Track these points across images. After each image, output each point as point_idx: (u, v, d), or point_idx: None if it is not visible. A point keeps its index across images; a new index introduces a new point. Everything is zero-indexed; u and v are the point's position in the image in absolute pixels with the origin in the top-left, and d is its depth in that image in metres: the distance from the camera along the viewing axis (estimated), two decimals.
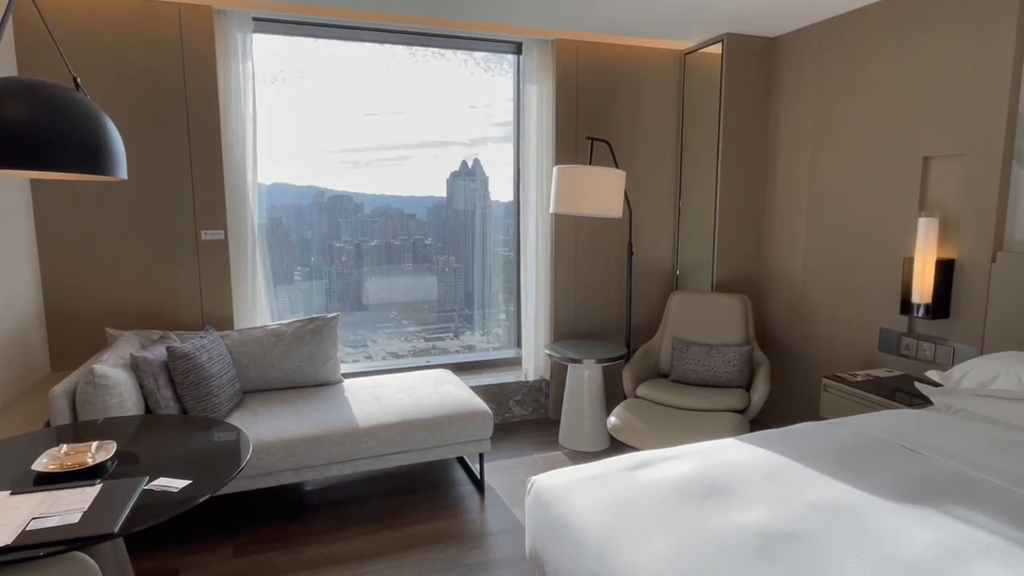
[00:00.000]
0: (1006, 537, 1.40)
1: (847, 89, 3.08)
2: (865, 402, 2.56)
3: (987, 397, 2.11)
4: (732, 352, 3.17)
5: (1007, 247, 2.46)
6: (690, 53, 3.74)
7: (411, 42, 3.45)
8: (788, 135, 3.45)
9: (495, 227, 3.92)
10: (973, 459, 1.78)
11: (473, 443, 2.79)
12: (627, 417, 2.88)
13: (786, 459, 1.83)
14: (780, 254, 3.55)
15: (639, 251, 3.85)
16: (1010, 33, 2.37)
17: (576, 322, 3.79)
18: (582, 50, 3.58)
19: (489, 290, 3.97)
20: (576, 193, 3.09)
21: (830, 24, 3.15)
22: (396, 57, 3.54)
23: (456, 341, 4.02)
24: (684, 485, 1.67)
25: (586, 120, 3.64)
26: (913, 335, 2.80)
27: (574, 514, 1.60)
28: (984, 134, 2.47)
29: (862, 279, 3.04)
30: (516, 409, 3.77)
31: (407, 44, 3.47)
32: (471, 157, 3.82)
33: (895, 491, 1.62)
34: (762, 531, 1.45)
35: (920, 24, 2.71)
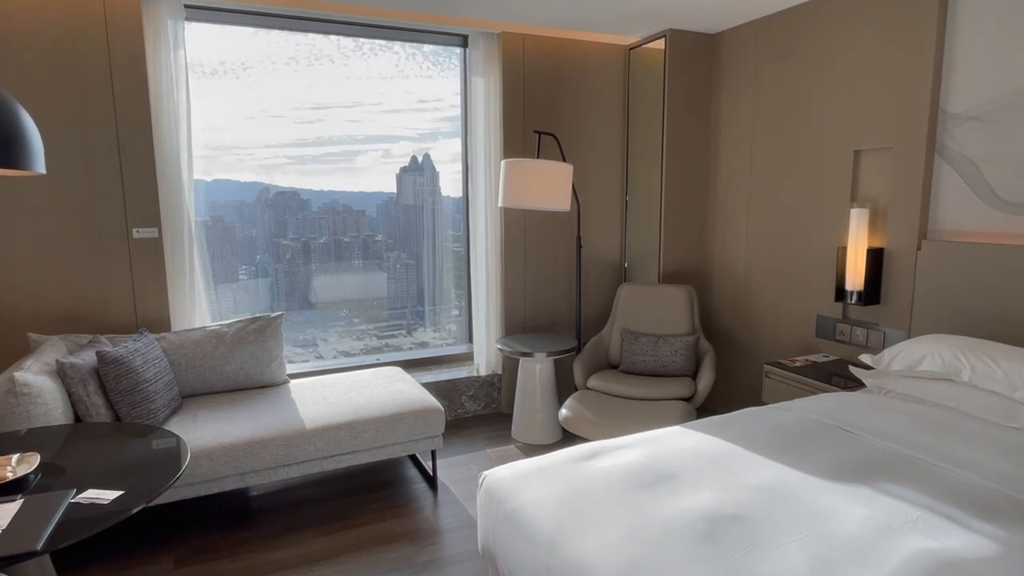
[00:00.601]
0: (931, 510, 1.48)
1: (783, 84, 3.18)
2: (804, 386, 2.66)
3: (914, 378, 2.23)
4: (679, 342, 3.25)
5: (931, 236, 2.60)
6: (634, 48, 3.79)
7: (356, 33, 3.38)
8: (729, 129, 3.54)
9: (446, 222, 3.88)
10: (902, 438, 1.87)
11: (425, 440, 2.77)
12: (578, 409, 2.90)
13: (730, 444, 1.88)
14: (723, 245, 3.65)
15: (588, 244, 3.88)
16: (931, 32, 2.49)
17: (527, 316, 3.80)
18: (528, 43, 3.58)
19: (441, 286, 3.94)
20: (524, 187, 3.09)
21: (766, 21, 3.24)
22: (342, 50, 3.45)
23: (409, 338, 3.96)
24: (632, 473, 1.70)
25: (533, 114, 3.65)
26: (847, 321, 2.92)
27: (525, 507, 1.60)
28: (909, 129, 2.60)
29: (800, 268, 3.15)
30: (469, 404, 3.76)
31: (352, 36, 3.39)
32: (421, 152, 3.77)
33: (832, 471, 1.69)
34: (707, 515, 1.48)
35: (849, 22, 2.82)
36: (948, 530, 1.40)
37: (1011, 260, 2.27)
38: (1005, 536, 1.37)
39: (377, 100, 3.59)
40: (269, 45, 3.28)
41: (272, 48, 3.29)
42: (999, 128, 2.33)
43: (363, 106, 3.57)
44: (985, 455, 1.72)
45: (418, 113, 3.71)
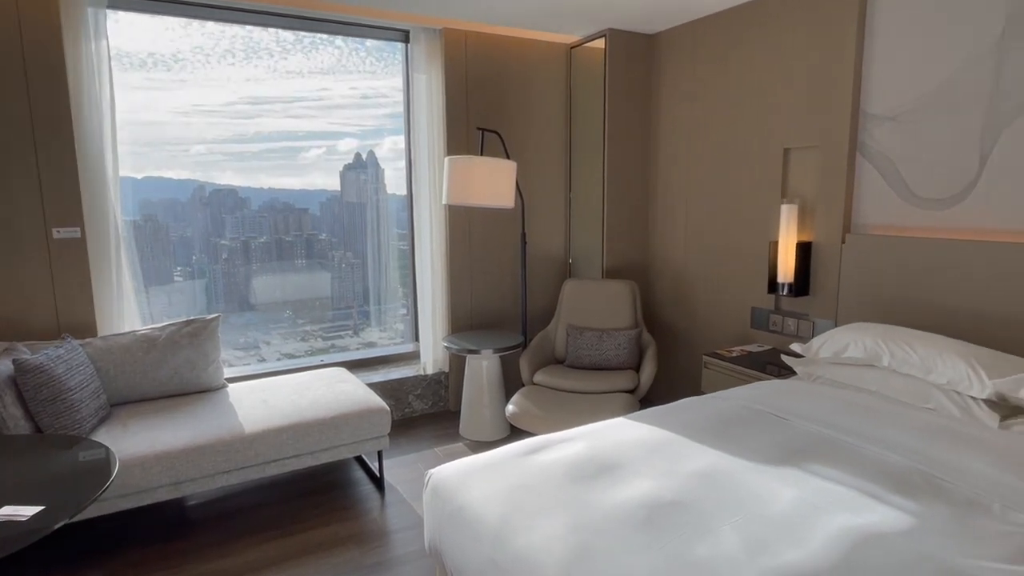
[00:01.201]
0: (855, 489, 1.57)
1: (717, 85, 3.29)
2: (740, 375, 2.77)
3: (840, 365, 2.35)
4: (622, 336, 3.32)
5: (854, 230, 2.74)
6: (576, 47, 3.83)
7: (294, 26, 3.29)
8: (667, 128, 3.64)
9: (392, 220, 3.84)
10: (829, 421, 1.97)
11: (371, 441, 2.73)
12: (524, 404, 2.93)
13: (670, 433, 1.94)
14: (663, 241, 3.75)
15: (533, 241, 3.91)
16: (851, 37, 2.63)
17: (473, 313, 3.80)
18: (471, 40, 3.57)
19: (388, 284, 3.89)
20: (468, 184, 3.09)
21: (701, 23, 3.34)
22: (281, 43, 3.35)
23: (356, 338, 3.90)
24: (576, 465, 1.73)
25: (477, 111, 3.64)
26: (780, 312, 3.05)
27: (471, 504, 1.60)
28: (833, 128, 2.73)
29: (735, 262, 3.27)
30: (416, 403, 3.73)
31: (291, 28, 3.30)
32: (365, 149, 3.71)
33: (765, 455, 1.77)
34: (648, 502, 1.52)
35: (778, 26, 2.94)
36: (870, 506, 1.48)
37: (925, 252, 2.42)
38: (920, 509, 1.46)
39: (319, 95, 3.51)
40: (203, 37, 3.15)
41: (206, 40, 3.16)
42: (912, 128, 2.49)
43: (305, 101, 3.48)
44: (902, 435, 1.84)
45: (362, 109, 3.65)
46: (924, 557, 1.27)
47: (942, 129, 2.39)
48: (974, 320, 2.28)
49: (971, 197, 2.33)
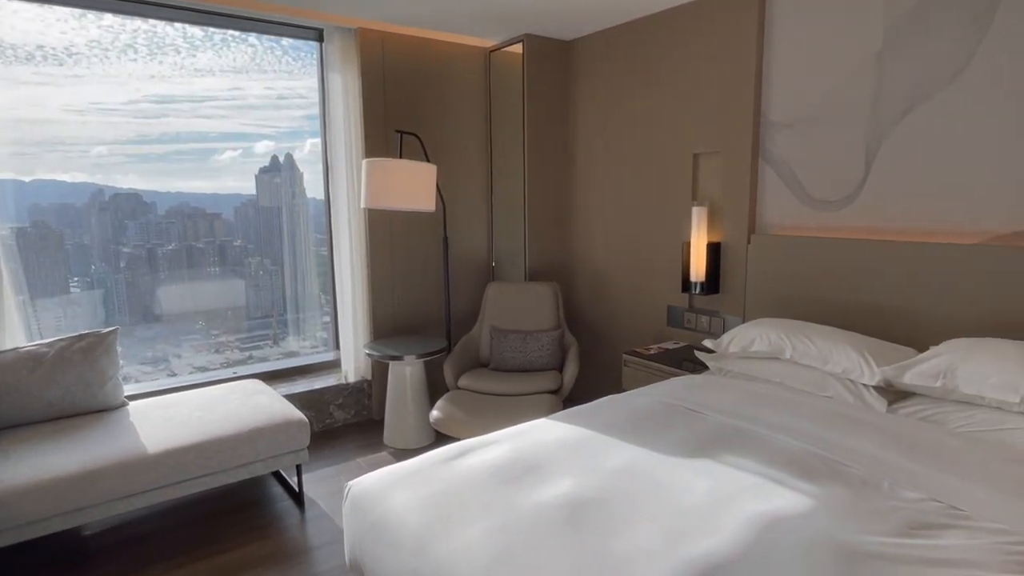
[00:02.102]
0: (762, 476, 1.65)
1: (631, 91, 3.39)
2: (658, 372, 2.86)
3: (748, 358, 2.48)
4: (545, 337, 3.35)
5: (759, 230, 2.90)
6: (494, 51, 3.85)
7: (202, 21, 3.12)
8: (585, 132, 3.72)
9: (311, 225, 3.71)
10: (738, 412, 2.07)
11: (289, 455, 2.62)
12: (449, 409, 2.90)
13: (591, 431, 1.97)
14: (584, 243, 3.83)
15: (456, 244, 3.89)
16: (752, 48, 2.78)
17: (396, 318, 3.73)
18: (388, 41, 3.51)
19: (309, 291, 3.75)
20: (387, 187, 3.03)
21: (615, 31, 3.44)
22: (189, 39, 3.16)
23: (276, 348, 3.74)
24: (499, 468, 1.72)
25: (395, 113, 3.58)
26: (693, 310, 3.18)
27: (391, 514, 1.57)
28: (737, 134, 2.88)
29: (652, 262, 3.39)
30: (337, 413, 3.62)
31: (199, 24, 3.12)
32: (282, 151, 3.57)
33: (680, 448, 1.83)
34: (570, 501, 1.54)
35: (685, 35, 3.07)
36: (776, 492, 1.57)
37: (821, 251, 2.60)
38: (819, 492, 1.56)
39: (232, 95, 3.34)
40: (100, 30, 2.92)
41: (104, 34, 2.94)
42: (807, 135, 2.66)
43: (216, 101, 3.30)
44: (804, 422, 1.95)
45: (278, 110, 3.51)
46: (823, 536, 1.35)
47: (833, 136, 2.57)
48: (865, 313, 2.47)
49: (859, 199, 2.52)
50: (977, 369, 1.86)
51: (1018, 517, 1.41)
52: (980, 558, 1.28)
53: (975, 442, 1.78)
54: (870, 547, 1.32)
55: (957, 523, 1.41)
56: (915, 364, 2.00)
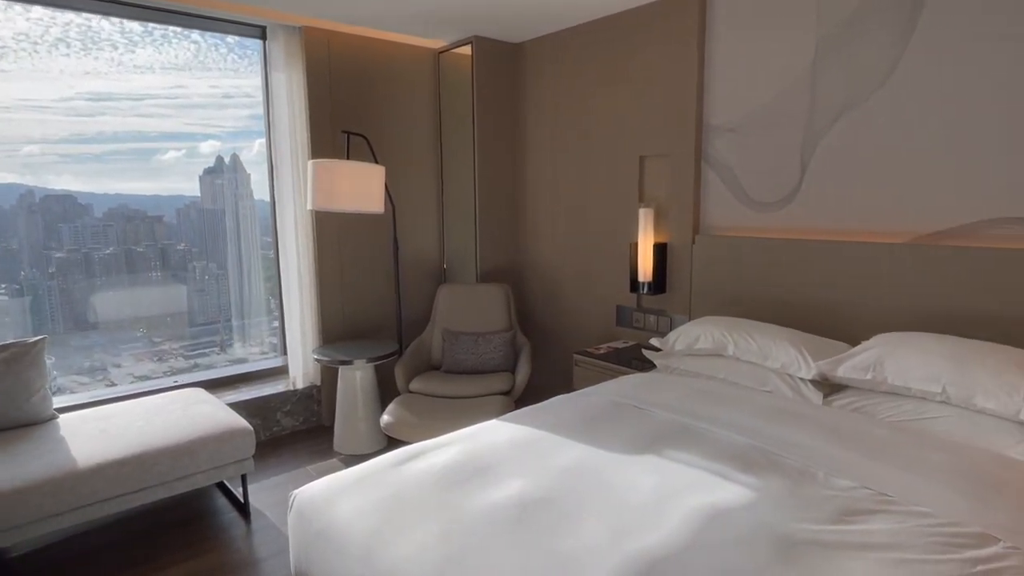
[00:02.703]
0: (706, 470, 1.70)
1: (578, 94, 3.44)
2: (608, 371, 2.90)
3: (693, 356, 2.55)
4: (497, 338, 3.36)
5: (702, 231, 2.98)
6: (443, 52, 3.84)
7: (139, 16, 3.00)
8: (534, 134, 3.75)
9: (259, 227, 3.60)
10: (683, 409, 2.12)
11: (233, 465, 2.54)
12: (400, 413, 2.87)
13: (541, 431, 1.98)
14: (534, 244, 3.85)
15: (406, 246, 3.85)
16: (694, 55, 2.86)
17: (346, 322, 3.67)
18: (334, 40, 3.45)
19: (258, 296, 3.65)
20: (334, 189, 2.98)
21: (562, 35, 3.48)
22: (127, 34, 3.02)
23: (224, 355, 3.62)
24: (449, 471, 1.72)
25: (342, 114, 3.53)
26: (641, 309, 3.25)
27: (338, 522, 1.54)
28: (681, 138, 2.96)
29: (601, 263, 3.44)
30: (285, 421, 3.53)
31: (136, 19, 3.00)
32: (228, 152, 3.46)
33: (627, 446, 1.86)
34: (519, 502, 1.55)
35: (631, 41, 3.13)
36: (718, 485, 1.61)
37: (760, 250, 2.69)
38: (759, 483, 1.61)
39: (174, 93, 3.21)
40: (28, 23, 2.77)
41: (33, 27, 2.78)
42: (747, 139, 2.75)
43: (156, 99, 3.17)
44: (745, 416, 2.02)
45: (224, 109, 3.41)
46: (762, 526, 1.40)
47: (770, 141, 2.67)
48: (803, 309, 2.57)
49: (795, 201, 2.62)
50: (903, 362, 1.96)
51: (939, 500, 1.49)
52: (905, 541, 1.35)
53: (901, 431, 1.88)
54: (805, 534, 1.37)
55: (885, 508, 1.48)
56: (847, 358, 2.09)
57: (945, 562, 1.27)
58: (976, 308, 2.11)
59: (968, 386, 1.82)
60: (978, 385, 1.81)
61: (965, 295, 2.13)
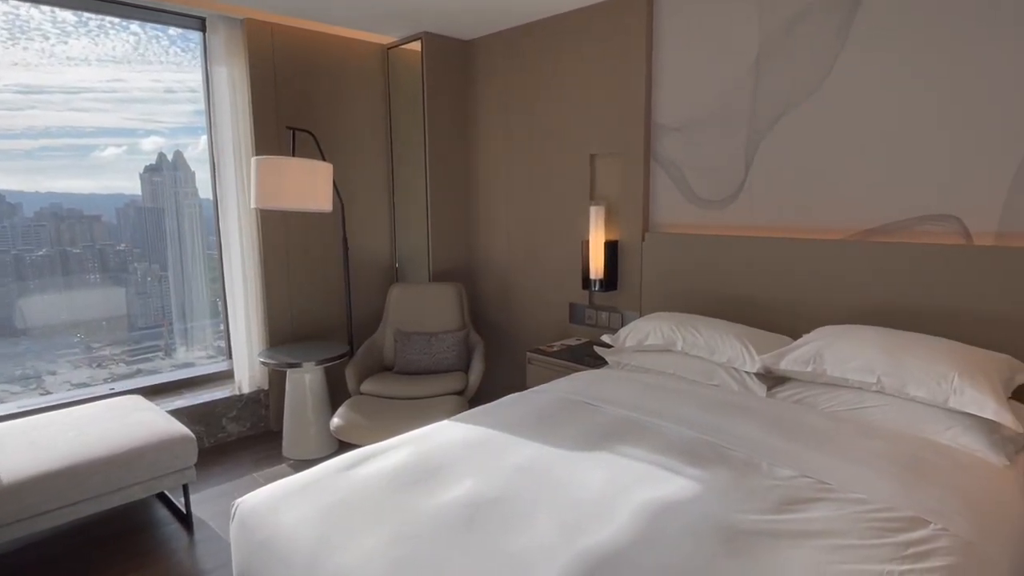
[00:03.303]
0: (656, 464, 1.72)
1: (530, 92, 3.44)
2: (561, 369, 2.92)
3: (643, 352, 2.58)
4: (450, 338, 3.33)
5: (652, 228, 3.03)
6: (393, 48, 3.78)
7: (70, 4, 2.83)
8: (486, 132, 3.73)
9: (204, 227, 3.47)
10: (633, 404, 2.15)
11: (174, 475, 2.44)
12: (350, 416, 2.81)
13: (493, 431, 1.97)
14: (487, 242, 3.84)
15: (357, 245, 3.78)
16: (641, 55, 2.90)
17: (295, 324, 3.57)
18: (278, 33, 3.35)
19: (204, 298, 3.51)
20: (279, 187, 2.90)
21: (512, 33, 3.48)
22: (60, 24, 2.85)
23: (169, 360, 3.47)
24: (399, 474, 1.69)
25: (287, 109, 3.43)
26: (594, 306, 3.28)
27: (282, 530, 1.49)
28: (631, 137, 2.99)
29: (553, 261, 3.45)
30: (231, 427, 3.41)
31: (67, 7, 2.84)
32: (172, 148, 3.32)
33: (578, 442, 1.87)
34: (471, 502, 1.53)
35: (580, 40, 3.15)
36: (667, 479, 1.63)
37: (707, 247, 2.75)
38: (706, 476, 1.64)
39: (112, 87, 3.06)
40: None
41: None
42: (693, 139, 2.81)
43: (93, 93, 3.01)
44: (694, 410, 2.06)
45: (166, 104, 3.26)
46: (708, 518, 1.43)
47: (716, 140, 2.73)
48: (748, 304, 2.64)
49: (740, 199, 2.69)
50: (841, 354, 2.03)
51: (874, 487, 1.55)
52: (843, 527, 1.39)
53: (840, 420, 1.95)
54: (749, 524, 1.41)
55: (824, 496, 1.53)
56: (789, 351, 2.16)
57: (880, 546, 1.32)
58: (909, 301, 2.20)
59: (901, 376, 1.90)
60: (910, 375, 1.89)
61: (899, 289, 2.22)
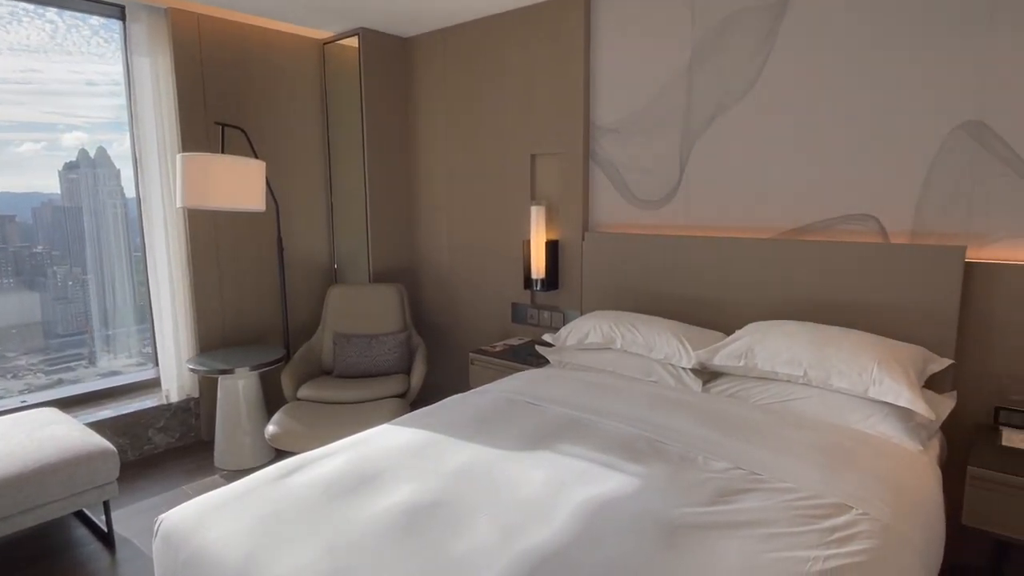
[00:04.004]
0: (595, 462, 1.73)
1: (470, 91, 3.42)
2: (504, 368, 2.91)
3: (584, 350, 2.60)
4: (391, 340, 3.27)
5: (591, 228, 3.06)
6: (329, 43, 3.68)
7: None
8: (426, 131, 3.68)
9: (131, 228, 3.27)
10: (574, 402, 2.16)
11: (93, 491, 2.29)
12: (286, 423, 2.72)
13: (433, 433, 1.94)
14: (429, 242, 3.79)
15: (293, 246, 3.66)
16: (579, 56, 2.92)
17: (227, 328, 3.43)
18: (206, 25, 3.20)
19: (131, 302, 3.32)
20: (207, 185, 2.77)
21: (452, 31, 3.45)
22: None
23: (93, 368, 3.25)
24: (335, 481, 1.63)
25: (217, 104, 3.28)
26: (536, 306, 3.29)
27: (209, 546, 1.42)
28: (570, 137, 3.02)
29: (495, 261, 3.44)
30: (158, 438, 3.24)
31: None
32: (95, 144, 3.12)
33: (520, 442, 1.86)
34: (409, 508, 1.50)
35: (520, 40, 3.15)
36: (606, 476, 1.65)
37: (645, 246, 2.80)
38: (644, 471, 1.66)
39: (27, 78, 2.84)
40: None
41: None
42: (630, 140, 2.86)
43: (7, 84, 2.79)
44: (633, 407, 2.09)
45: (88, 98, 3.06)
46: (646, 513, 1.45)
47: (651, 141, 2.78)
48: (684, 302, 2.70)
49: (675, 199, 2.75)
50: (771, 348, 2.11)
51: (802, 476, 1.61)
52: (773, 516, 1.44)
53: (770, 413, 2.02)
54: (686, 517, 1.43)
55: (756, 487, 1.58)
56: (723, 347, 2.22)
57: (807, 533, 1.37)
58: (833, 297, 2.31)
59: (826, 368, 1.99)
60: (834, 367, 1.98)
61: (824, 285, 2.33)
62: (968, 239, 2.09)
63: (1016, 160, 1.99)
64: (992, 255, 2.06)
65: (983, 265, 2.04)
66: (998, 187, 2.02)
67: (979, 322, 2.08)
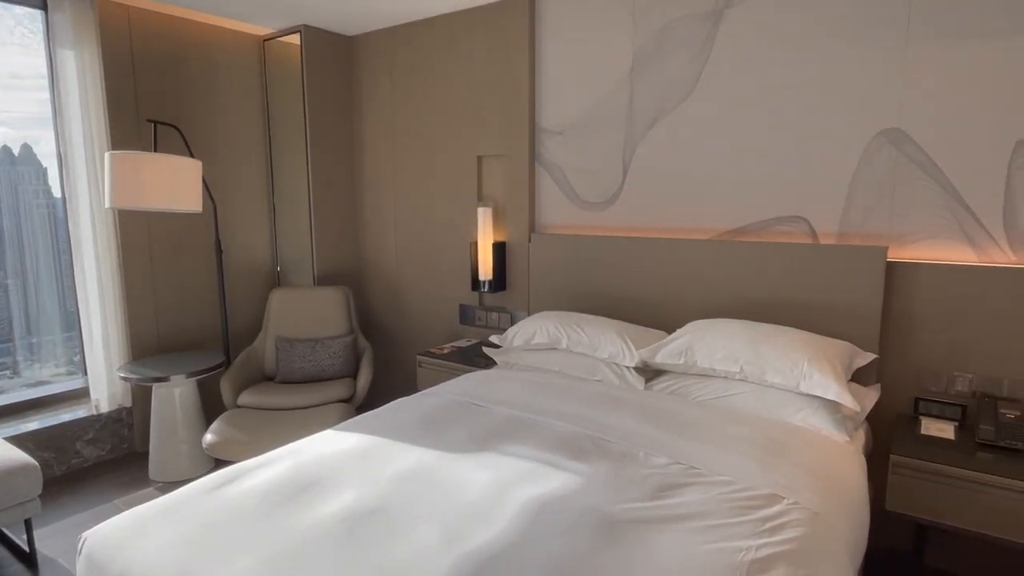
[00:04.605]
0: (539, 461, 1.74)
1: (416, 91, 3.39)
2: (452, 371, 2.90)
3: (530, 351, 2.62)
4: (337, 343, 3.21)
5: (538, 229, 3.09)
6: (269, 40, 3.58)
7: None
8: (371, 131, 3.63)
9: (60, 229, 3.09)
10: (520, 403, 2.17)
11: (13, 509, 2.16)
12: (226, 431, 2.63)
13: (377, 437, 1.92)
14: (375, 244, 3.74)
15: (233, 248, 3.54)
16: (524, 59, 2.94)
17: (162, 335, 3.29)
18: (136, 17, 3.07)
19: (60, 308, 3.13)
20: (138, 184, 2.65)
21: (397, 31, 3.41)
22: None
23: (18, 379, 3.06)
24: (274, 490, 1.59)
25: (149, 101, 3.15)
26: (483, 307, 3.29)
27: (139, 563, 1.35)
28: (516, 139, 3.03)
29: (443, 262, 3.42)
30: (87, 450, 3.08)
31: None
32: (18, 141, 2.92)
33: (465, 444, 1.86)
34: (349, 515, 1.47)
35: (466, 42, 3.15)
36: (551, 475, 1.66)
37: (590, 248, 2.84)
38: (588, 469, 1.69)
39: None
40: None
41: None
42: (575, 142, 2.89)
43: None
44: (577, 406, 2.11)
45: (10, 91, 2.88)
46: (589, 510, 1.47)
47: (595, 144, 2.83)
48: (628, 301, 2.76)
49: (618, 201, 2.80)
50: (709, 346, 2.17)
51: (737, 469, 1.67)
52: (711, 508, 1.49)
53: (709, 408, 2.08)
54: (627, 513, 1.46)
55: (695, 481, 1.63)
56: (664, 345, 2.28)
57: (742, 523, 1.42)
58: (768, 295, 2.40)
59: (760, 364, 2.07)
60: (768, 363, 2.05)
61: (759, 284, 2.42)
62: (890, 240, 2.21)
63: (931, 166, 2.11)
64: (912, 255, 2.19)
65: (904, 264, 2.16)
66: (916, 191, 2.15)
67: (900, 318, 2.20)
